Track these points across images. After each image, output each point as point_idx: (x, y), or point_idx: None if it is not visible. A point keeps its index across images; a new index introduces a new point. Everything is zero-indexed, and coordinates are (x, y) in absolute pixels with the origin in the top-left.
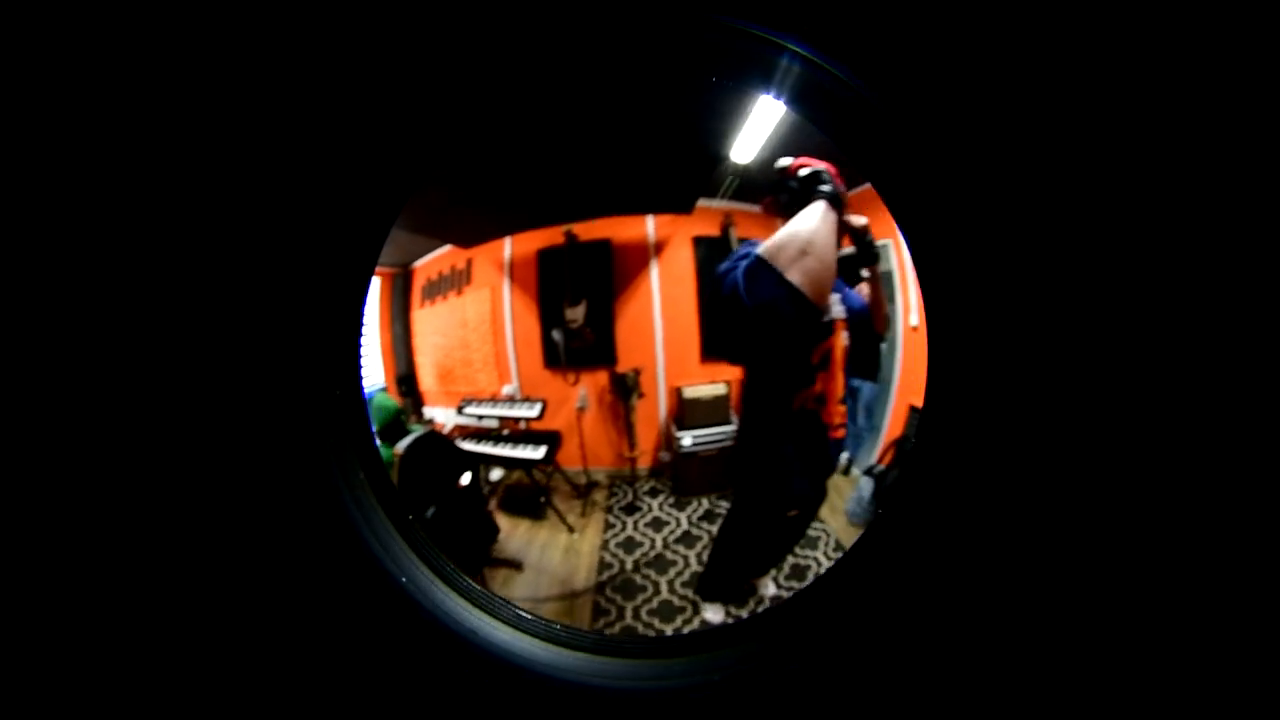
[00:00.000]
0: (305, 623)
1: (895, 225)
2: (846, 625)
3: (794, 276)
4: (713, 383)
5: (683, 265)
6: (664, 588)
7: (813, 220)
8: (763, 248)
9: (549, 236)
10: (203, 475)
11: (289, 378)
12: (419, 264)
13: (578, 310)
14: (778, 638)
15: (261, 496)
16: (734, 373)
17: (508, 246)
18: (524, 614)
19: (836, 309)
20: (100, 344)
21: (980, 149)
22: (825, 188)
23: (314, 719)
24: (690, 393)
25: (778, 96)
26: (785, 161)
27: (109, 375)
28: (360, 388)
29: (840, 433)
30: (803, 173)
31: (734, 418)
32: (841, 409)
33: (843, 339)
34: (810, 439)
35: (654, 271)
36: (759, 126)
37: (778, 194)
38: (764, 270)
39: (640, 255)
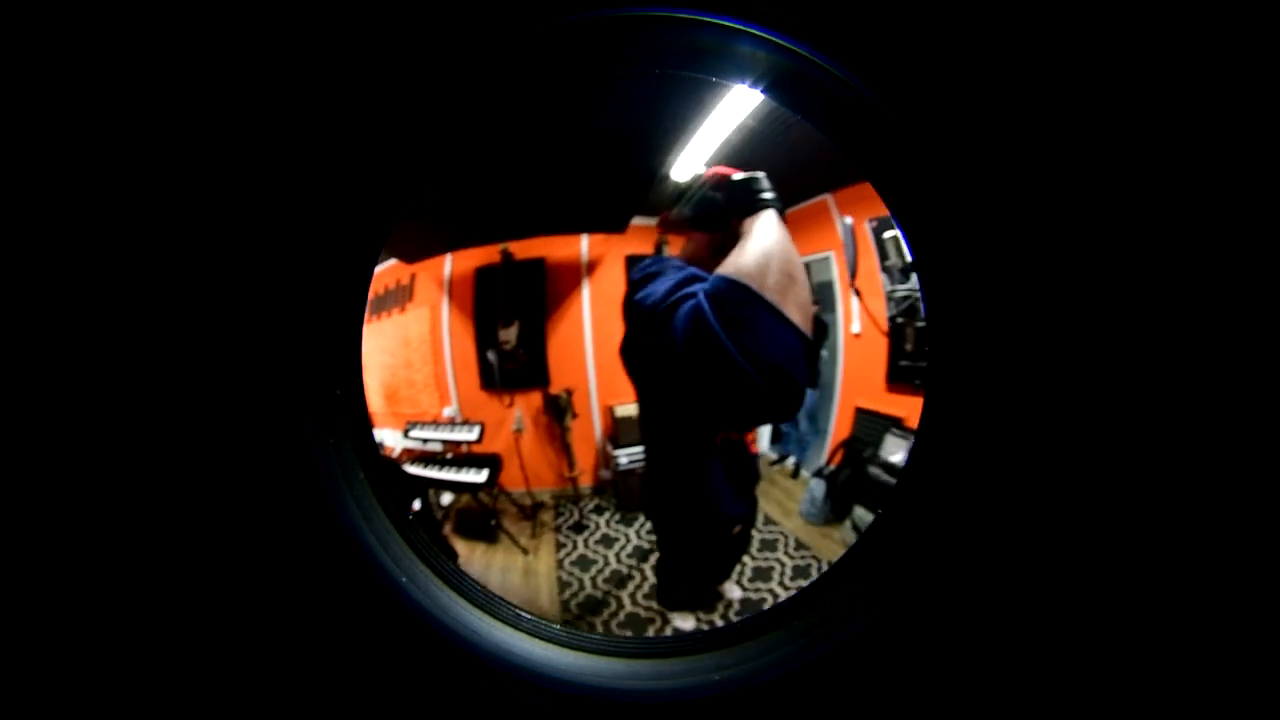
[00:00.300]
0: (306, 622)
1: (840, 237)
2: (846, 624)
3: (793, 314)
4: None
5: (614, 284)
6: (627, 601)
7: (773, 234)
8: (736, 273)
9: (487, 255)
10: (204, 476)
11: (291, 379)
12: None
13: (511, 331)
14: (776, 638)
15: (262, 497)
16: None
17: (448, 264)
18: (523, 614)
19: None
20: (113, 352)
21: (980, 147)
22: (769, 195)
23: (316, 717)
24: (622, 411)
25: (774, 95)
26: (701, 170)
27: (123, 379)
28: (360, 388)
29: (755, 447)
30: (737, 178)
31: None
32: None
33: None
34: (738, 464)
35: (585, 291)
36: (701, 145)
37: (683, 206)
38: (753, 305)
39: (573, 275)
